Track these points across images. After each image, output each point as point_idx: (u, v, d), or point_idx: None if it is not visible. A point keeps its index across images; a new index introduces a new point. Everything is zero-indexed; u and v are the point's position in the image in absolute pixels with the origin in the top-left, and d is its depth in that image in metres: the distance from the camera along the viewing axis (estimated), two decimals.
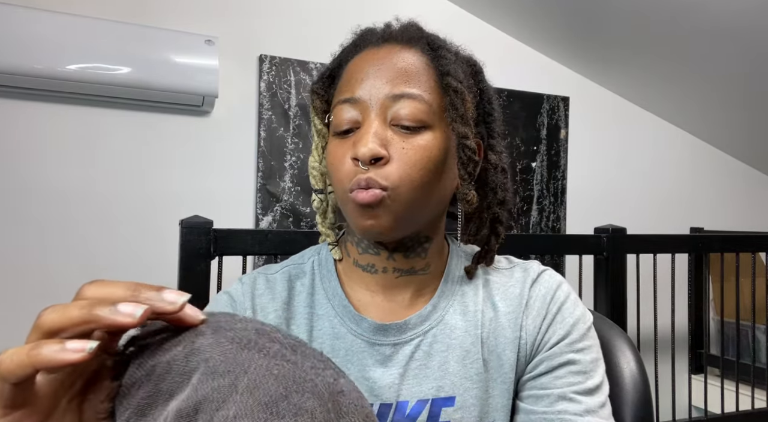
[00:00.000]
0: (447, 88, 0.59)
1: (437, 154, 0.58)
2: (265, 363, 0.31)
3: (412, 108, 0.58)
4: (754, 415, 2.11)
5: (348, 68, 0.63)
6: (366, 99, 0.59)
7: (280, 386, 0.30)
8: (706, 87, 2.31)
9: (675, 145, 2.69)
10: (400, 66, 0.60)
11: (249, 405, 0.29)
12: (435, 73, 0.61)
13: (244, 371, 0.30)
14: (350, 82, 0.61)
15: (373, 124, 0.57)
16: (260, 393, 0.30)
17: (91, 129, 1.76)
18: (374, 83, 0.59)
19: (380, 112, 0.58)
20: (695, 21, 1.92)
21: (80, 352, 0.30)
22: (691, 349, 2.52)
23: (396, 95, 0.58)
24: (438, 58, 0.61)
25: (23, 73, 1.57)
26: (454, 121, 0.59)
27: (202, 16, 1.89)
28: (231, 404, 0.29)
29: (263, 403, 0.30)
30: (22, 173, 1.69)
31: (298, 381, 0.31)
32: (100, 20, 1.67)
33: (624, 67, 2.37)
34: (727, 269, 2.21)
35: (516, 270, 0.68)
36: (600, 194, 2.52)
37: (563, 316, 0.63)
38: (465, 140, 0.60)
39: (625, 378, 0.72)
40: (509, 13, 2.24)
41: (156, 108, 1.82)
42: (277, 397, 0.30)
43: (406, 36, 0.63)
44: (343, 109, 0.60)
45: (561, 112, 2.44)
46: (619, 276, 1.79)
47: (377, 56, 0.61)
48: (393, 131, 0.58)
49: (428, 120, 0.58)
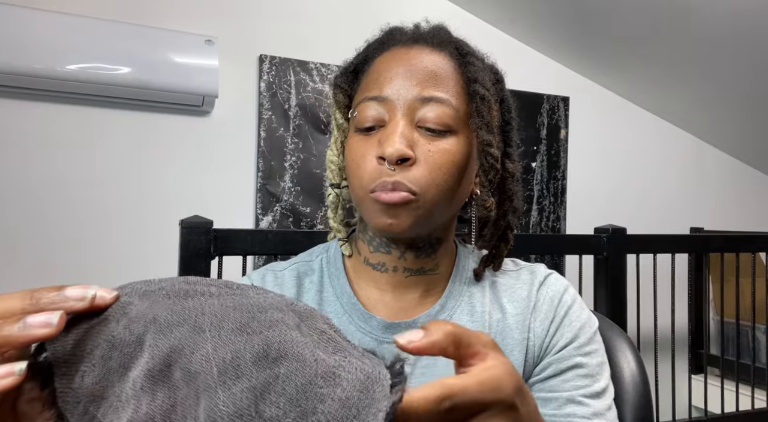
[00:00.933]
0: (474, 95, 0.59)
1: (461, 159, 0.59)
2: (216, 301, 0.31)
3: (440, 112, 0.58)
4: (754, 415, 2.11)
5: (375, 65, 0.62)
6: (394, 98, 0.58)
7: (242, 313, 0.30)
8: (707, 87, 2.31)
9: (675, 145, 2.69)
10: (431, 68, 0.60)
11: (223, 337, 0.29)
12: (463, 78, 0.61)
13: (201, 312, 0.30)
14: (378, 79, 0.60)
15: (400, 124, 0.57)
16: (228, 324, 0.30)
17: (91, 129, 1.76)
18: (403, 83, 0.59)
19: (407, 112, 0.58)
20: (696, 21, 1.92)
21: (10, 377, 0.28)
22: (691, 349, 2.52)
23: (425, 98, 0.58)
24: (466, 64, 0.61)
25: (23, 73, 1.57)
26: (480, 129, 0.59)
27: (202, 16, 1.89)
28: (204, 342, 0.29)
29: (235, 329, 0.30)
30: (22, 173, 1.69)
31: (255, 305, 0.32)
32: (100, 20, 1.67)
33: (624, 66, 2.37)
34: (727, 269, 2.21)
35: (523, 272, 0.68)
36: (600, 194, 2.52)
37: (571, 320, 0.63)
38: (489, 148, 0.60)
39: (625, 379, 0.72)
40: (509, 13, 2.24)
41: (156, 108, 1.82)
42: (245, 321, 0.30)
43: (436, 39, 0.63)
44: (369, 106, 0.60)
45: (561, 112, 2.44)
46: (619, 276, 1.78)
47: (408, 56, 0.61)
48: (419, 133, 0.58)
49: (454, 125, 0.59)
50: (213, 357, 0.28)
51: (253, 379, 0.28)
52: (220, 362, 0.28)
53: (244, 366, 0.28)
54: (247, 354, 0.29)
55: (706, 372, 2.29)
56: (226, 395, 0.27)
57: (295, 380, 0.28)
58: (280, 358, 0.29)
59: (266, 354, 0.29)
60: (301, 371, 0.29)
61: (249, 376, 0.28)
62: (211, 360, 0.28)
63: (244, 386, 0.28)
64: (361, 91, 0.62)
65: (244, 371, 0.28)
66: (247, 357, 0.29)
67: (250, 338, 0.29)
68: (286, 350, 0.29)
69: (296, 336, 0.31)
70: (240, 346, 0.29)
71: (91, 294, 0.31)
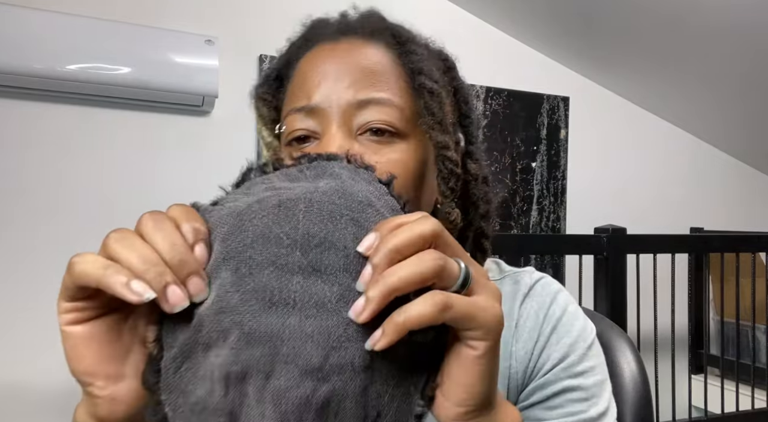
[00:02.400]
0: (421, 90, 0.51)
1: (415, 167, 0.51)
2: (296, 322, 0.32)
3: (382, 115, 0.50)
4: (754, 415, 2.11)
5: (299, 68, 0.54)
6: (325, 106, 0.50)
7: (317, 348, 0.32)
8: (707, 86, 2.31)
9: (675, 145, 2.69)
10: (364, 64, 0.51)
11: (295, 375, 0.31)
12: (404, 71, 0.52)
13: (280, 340, 0.31)
14: (304, 85, 0.52)
15: (336, 137, 0.49)
16: (302, 361, 0.31)
17: (91, 129, 1.76)
18: (334, 87, 0.50)
19: (343, 121, 0.50)
20: (696, 20, 1.92)
21: (137, 296, 0.30)
22: (691, 349, 2.52)
23: (361, 101, 0.50)
24: (407, 53, 0.53)
25: (23, 73, 1.57)
26: (432, 129, 0.51)
27: (202, 16, 1.89)
28: (279, 374, 0.31)
29: (307, 371, 0.31)
30: (22, 173, 1.69)
31: (332, 335, 0.32)
32: (100, 20, 1.67)
33: (624, 66, 2.37)
34: (727, 269, 2.21)
35: (506, 282, 0.60)
36: (600, 194, 2.52)
37: (559, 337, 0.55)
38: (445, 151, 0.52)
39: (625, 379, 0.72)
40: (509, 13, 2.24)
41: (156, 108, 1.82)
42: (317, 362, 0.32)
43: (367, 28, 0.54)
44: (297, 119, 0.51)
45: (561, 112, 2.44)
46: (619, 276, 1.79)
47: (335, 53, 0.52)
48: (360, 144, 0.50)
49: (402, 128, 0.50)
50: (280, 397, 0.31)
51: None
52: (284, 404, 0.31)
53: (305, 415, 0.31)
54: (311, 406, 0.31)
55: (706, 372, 2.29)
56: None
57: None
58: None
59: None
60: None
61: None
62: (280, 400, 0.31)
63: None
64: (287, 101, 0.54)
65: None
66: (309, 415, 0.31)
67: (319, 385, 0.32)
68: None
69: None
70: (305, 393, 0.31)
71: (179, 307, 0.32)
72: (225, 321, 0.32)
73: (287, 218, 0.34)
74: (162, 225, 0.33)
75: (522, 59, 2.40)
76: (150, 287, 0.31)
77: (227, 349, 0.31)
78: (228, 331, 0.32)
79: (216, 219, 0.35)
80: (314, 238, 0.33)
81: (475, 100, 2.26)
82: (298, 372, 0.31)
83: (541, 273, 0.61)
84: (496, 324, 0.34)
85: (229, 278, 0.33)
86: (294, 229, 0.34)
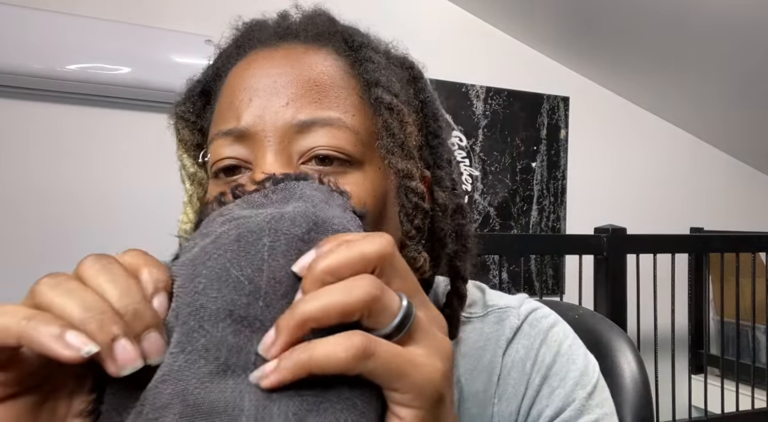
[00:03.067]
0: (378, 105, 0.42)
1: (373, 203, 0.41)
2: (260, 390, 0.26)
3: (330, 139, 0.40)
4: (754, 415, 2.11)
5: (228, 82, 0.44)
6: (257, 129, 0.40)
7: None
8: (707, 86, 2.31)
9: (675, 145, 2.69)
10: (307, 76, 0.41)
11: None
12: (358, 83, 0.43)
13: (240, 410, 0.25)
14: (232, 103, 0.42)
15: (271, 168, 0.39)
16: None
17: (91, 129, 1.76)
18: (268, 105, 0.40)
19: (281, 148, 0.40)
20: (696, 20, 1.92)
21: (72, 351, 0.23)
22: (691, 349, 2.52)
23: (303, 122, 0.40)
24: (361, 61, 0.44)
25: (23, 73, 1.57)
26: (391, 153, 0.42)
27: (202, 16, 1.89)
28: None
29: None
30: (22, 173, 1.69)
31: (304, 404, 0.26)
32: (100, 20, 1.67)
33: (624, 67, 2.37)
34: (727, 269, 2.21)
35: (489, 320, 0.50)
36: (600, 194, 2.52)
37: (551, 387, 0.46)
38: (408, 180, 0.42)
39: (625, 379, 0.72)
40: (509, 13, 2.24)
41: (156, 108, 1.81)
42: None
43: (312, 31, 0.45)
44: (223, 144, 0.42)
45: (561, 112, 2.44)
46: (619, 276, 1.79)
47: (271, 63, 0.43)
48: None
49: (355, 154, 0.41)
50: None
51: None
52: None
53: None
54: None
55: (706, 372, 2.29)
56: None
57: None
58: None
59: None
60: None
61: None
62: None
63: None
64: (213, 122, 0.44)
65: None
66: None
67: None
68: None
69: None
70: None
71: (128, 369, 0.25)
72: (165, 392, 0.25)
73: (248, 256, 0.27)
74: (112, 269, 0.27)
75: (522, 59, 2.40)
76: (92, 340, 0.24)
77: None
78: (168, 407, 0.24)
79: (173, 275, 0.29)
80: (281, 285, 0.27)
81: (475, 99, 2.26)
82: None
83: (534, 303, 0.52)
84: (432, 390, 0.26)
85: (176, 336, 0.26)
86: (257, 272, 0.27)
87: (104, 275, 0.26)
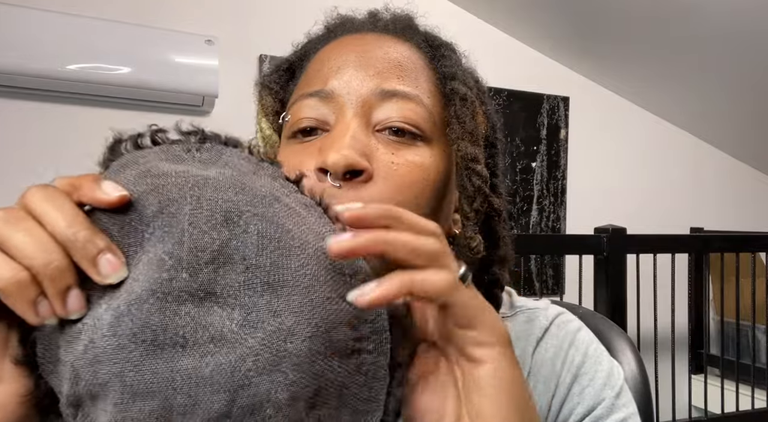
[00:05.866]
0: (452, 95, 0.45)
1: (435, 178, 0.43)
2: (190, 364, 0.27)
3: (408, 112, 0.42)
4: (754, 415, 2.11)
5: (317, 57, 0.47)
6: (342, 93, 0.43)
7: (219, 392, 0.27)
8: (707, 86, 2.31)
9: (675, 145, 2.69)
10: (393, 56, 0.44)
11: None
12: (435, 75, 0.46)
13: (172, 389, 0.26)
14: (321, 71, 0.45)
15: (351, 125, 0.41)
16: (202, 411, 0.26)
17: (91, 129, 1.76)
18: (356, 74, 0.43)
19: (362, 111, 0.42)
20: (696, 20, 1.92)
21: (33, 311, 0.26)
22: (691, 349, 2.52)
23: (386, 91, 0.42)
24: (440, 57, 0.47)
25: (23, 73, 1.57)
26: (461, 139, 0.44)
27: (202, 16, 1.89)
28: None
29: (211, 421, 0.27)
30: (22, 173, 1.69)
31: (237, 372, 0.27)
32: (100, 20, 1.67)
33: (624, 66, 2.37)
34: (727, 269, 2.21)
35: (518, 319, 0.52)
36: (600, 194, 2.51)
37: (581, 386, 0.48)
38: (474, 164, 0.44)
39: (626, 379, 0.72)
40: (509, 13, 2.24)
41: (156, 108, 1.81)
42: (222, 408, 0.27)
43: (399, 26, 0.49)
44: (306, 105, 0.44)
45: (561, 112, 2.44)
46: (619, 276, 1.79)
47: (362, 42, 0.46)
48: (377, 139, 0.42)
49: (427, 131, 0.43)
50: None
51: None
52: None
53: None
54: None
55: (706, 372, 2.29)
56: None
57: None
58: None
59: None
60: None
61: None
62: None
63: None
64: (298, 89, 0.47)
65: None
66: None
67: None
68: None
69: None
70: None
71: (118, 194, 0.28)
72: (101, 372, 0.26)
73: (170, 229, 0.27)
74: (56, 197, 0.30)
75: (522, 59, 2.40)
76: (43, 289, 0.27)
77: (111, 405, 0.26)
78: (107, 385, 0.26)
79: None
80: (204, 253, 0.27)
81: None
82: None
83: (558, 308, 0.54)
84: (503, 330, 0.29)
85: (107, 318, 0.26)
86: (178, 245, 0.27)
87: (49, 203, 0.28)
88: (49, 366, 0.28)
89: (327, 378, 0.28)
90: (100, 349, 0.26)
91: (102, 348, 0.26)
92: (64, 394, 0.28)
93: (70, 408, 0.28)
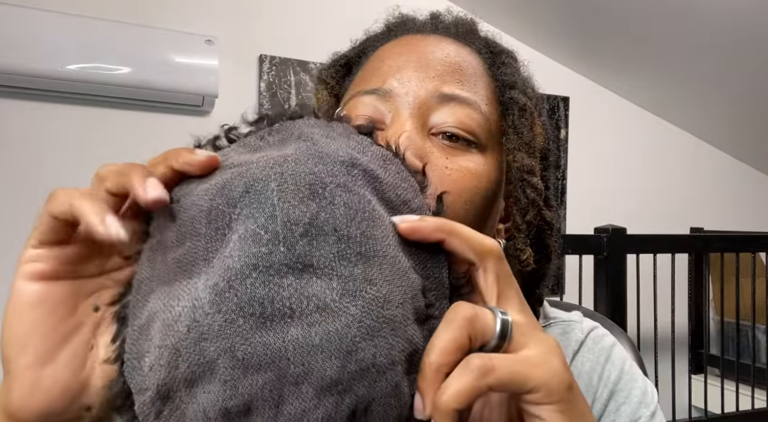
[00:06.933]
0: (511, 105, 0.45)
1: (487, 187, 0.43)
2: (300, 334, 0.27)
3: (465, 118, 0.42)
4: (754, 415, 2.11)
5: (376, 55, 0.47)
6: (401, 93, 0.42)
7: (331, 359, 0.27)
8: (707, 87, 2.31)
9: (675, 145, 2.69)
10: (454, 60, 0.44)
11: (310, 396, 0.27)
12: (494, 82, 0.46)
13: (285, 359, 0.27)
14: (379, 69, 0.44)
15: (406, 126, 0.41)
16: (315, 378, 0.27)
17: (91, 129, 1.76)
18: (415, 75, 0.43)
19: (418, 113, 0.42)
20: (696, 20, 1.92)
21: (111, 231, 0.27)
22: (691, 349, 2.52)
23: (445, 95, 0.42)
24: (500, 64, 0.47)
25: (23, 73, 1.57)
26: (518, 149, 0.44)
27: (202, 16, 1.89)
28: (291, 399, 0.27)
29: (324, 387, 0.27)
30: (22, 173, 1.69)
31: (344, 338, 0.28)
32: (100, 20, 1.67)
33: (624, 67, 2.37)
34: (727, 269, 2.21)
35: (553, 331, 0.51)
36: (600, 194, 2.51)
37: (618, 403, 0.48)
38: (530, 176, 0.44)
39: None
40: (509, 13, 2.24)
41: (156, 108, 1.81)
42: (334, 375, 0.27)
43: (461, 29, 0.49)
44: (362, 102, 0.43)
45: (561, 112, 2.44)
46: (619, 276, 1.79)
47: (423, 43, 0.45)
48: (432, 143, 0.42)
49: (482, 139, 0.43)
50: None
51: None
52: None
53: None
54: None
55: (706, 372, 2.29)
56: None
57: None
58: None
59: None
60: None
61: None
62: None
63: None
64: (354, 85, 0.47)
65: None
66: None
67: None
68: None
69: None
70: (326, 413, 0.27)
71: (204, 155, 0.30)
72: (209, 350, 0.26)
73: (260, 206, 0.28)
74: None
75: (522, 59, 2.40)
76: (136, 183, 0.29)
77: (219, 384, 0.26)
78: (215, 362, 0.26)
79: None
80: (298, 226, 0.28)
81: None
82: (313, 392, 0.26)
83: (592, 321, 0.54)
84: (559, 381, 0.27)
85: (206, 297, 0.27)
86: (271, 219, 0.28)
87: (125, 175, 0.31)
88: (134, 363, 0.29)
89: (415, 343, 0.28)
90: (206, 327, 0.27)
91: (207, 325, 0.26)
92: (152, 388, 0.28)
93: (156, 404, 0.28)
